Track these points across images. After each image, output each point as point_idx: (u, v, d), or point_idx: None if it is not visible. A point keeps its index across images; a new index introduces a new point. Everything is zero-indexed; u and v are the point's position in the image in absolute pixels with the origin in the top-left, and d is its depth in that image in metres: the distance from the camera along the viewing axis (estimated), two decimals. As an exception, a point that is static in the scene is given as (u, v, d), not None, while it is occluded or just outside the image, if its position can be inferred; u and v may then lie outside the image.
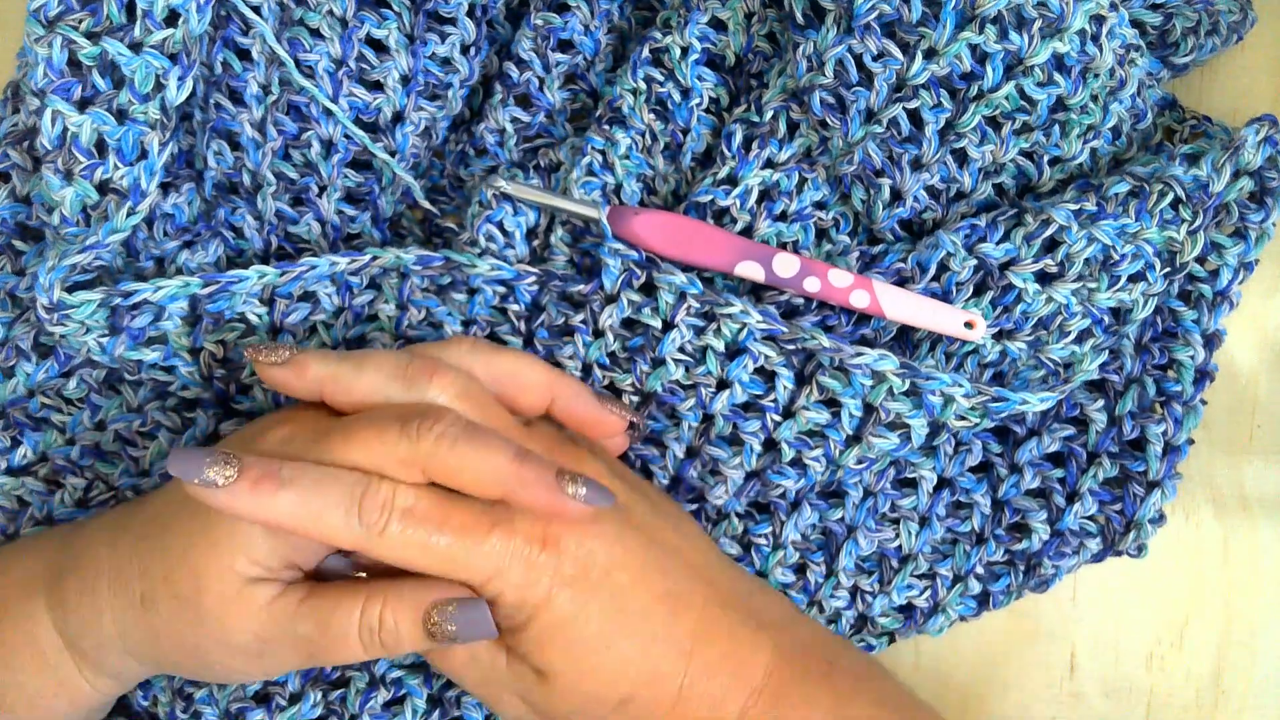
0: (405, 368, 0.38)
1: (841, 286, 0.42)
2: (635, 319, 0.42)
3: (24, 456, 0.45)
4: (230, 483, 0.35)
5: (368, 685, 0.44)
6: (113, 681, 0.41)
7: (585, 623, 0.37)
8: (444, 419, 0.36)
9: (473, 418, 0.37)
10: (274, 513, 0.35)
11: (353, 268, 0.42)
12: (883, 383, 0.41)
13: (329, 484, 0.35)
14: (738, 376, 0.42)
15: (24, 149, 0.43)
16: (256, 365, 0.38)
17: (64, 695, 0.40)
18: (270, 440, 0.38)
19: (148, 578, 0.38)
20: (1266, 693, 0.46)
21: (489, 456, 0.36)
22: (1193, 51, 0.44)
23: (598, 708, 0.38)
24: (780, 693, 0.39)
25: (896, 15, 0.40)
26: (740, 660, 0.39)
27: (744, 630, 0.40)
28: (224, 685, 0.44)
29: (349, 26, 0.43)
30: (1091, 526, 0.44)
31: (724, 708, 0.39)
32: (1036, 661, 0.47)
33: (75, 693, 0.40)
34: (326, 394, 0.38)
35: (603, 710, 0.38)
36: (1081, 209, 0.42)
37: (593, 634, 0.38)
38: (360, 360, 0.38)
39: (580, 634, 0.37)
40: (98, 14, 0.38)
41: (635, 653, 0.38)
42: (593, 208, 0.42)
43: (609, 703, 0.38)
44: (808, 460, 0.42)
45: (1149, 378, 0.44)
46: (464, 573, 0.36)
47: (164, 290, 0.39)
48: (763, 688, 0.39)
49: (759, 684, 0.39)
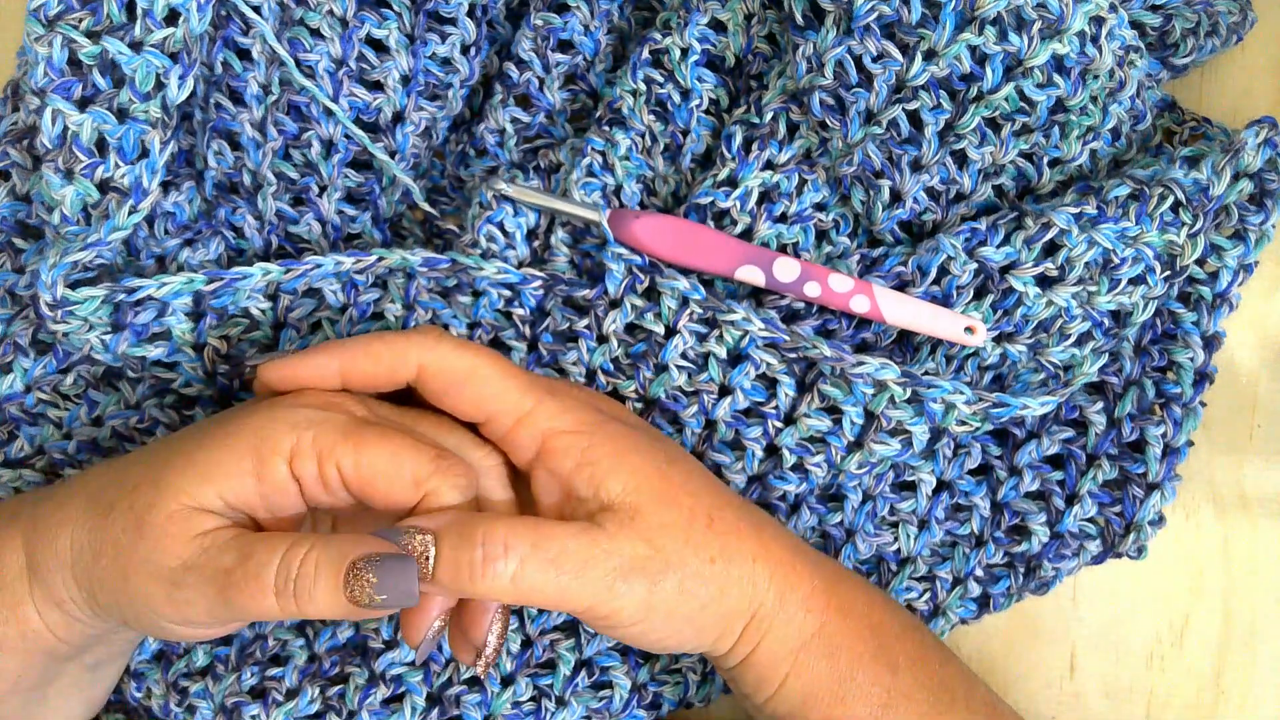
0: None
1: (842, 291, 0.42)
2: (638, 324, 0.42)
3: (20, 449, 0.45)
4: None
5: (367, 682, 0.44)
6: (57, 614, 0.39)
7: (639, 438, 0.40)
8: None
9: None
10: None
11: (358, 268, 0.42)
12: (884, 391, 0.41)
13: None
14: (739, 383, 0.42)
15: (24, 147, 0.43)
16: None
17: (14, 622, 0.39)
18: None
19: (121, 486, 0.37)
20: (1266, 693, 0.47)
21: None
22: (1192, 53, 0.44)
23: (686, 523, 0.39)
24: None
25: (896, 16, 0.40)
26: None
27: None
28: (219, 679, 0.44)
29: (349, 26, 0.43)
30: (1091, 528, 0.44)
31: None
32: (1036, 661, 0.47)
33: (24, 622, 0.39)
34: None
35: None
36: (1082, 212, 0.42)
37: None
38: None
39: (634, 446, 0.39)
40: (98, 13, 0.38)
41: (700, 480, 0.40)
42: (594, 211, 0.43)
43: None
44: (809, 466, 0.42)
45: (1148, 380, 0.44)
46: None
47: (168, 286, 0.39)
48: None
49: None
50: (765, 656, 0.39)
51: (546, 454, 0.39)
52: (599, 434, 0.39)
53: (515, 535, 0.36)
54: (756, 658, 0.39)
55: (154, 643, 0.45)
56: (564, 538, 0.37)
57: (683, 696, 0.45)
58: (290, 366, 0.39)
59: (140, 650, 0.45)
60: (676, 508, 0.39)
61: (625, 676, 0.45)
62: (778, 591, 0.39)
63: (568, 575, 0.36)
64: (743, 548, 0.39)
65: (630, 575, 0.37)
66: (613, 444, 0.39)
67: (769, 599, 0.39)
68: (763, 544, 0.40)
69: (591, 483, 0.38)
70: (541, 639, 0.45)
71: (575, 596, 0.36)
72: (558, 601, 0.36)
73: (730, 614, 0.39)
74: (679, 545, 0.38)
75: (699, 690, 0.46)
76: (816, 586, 0.40)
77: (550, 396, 0.40)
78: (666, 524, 0.38)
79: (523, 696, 0.44)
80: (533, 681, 0.45)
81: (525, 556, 0.36)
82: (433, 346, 0.39)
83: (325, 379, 0.39)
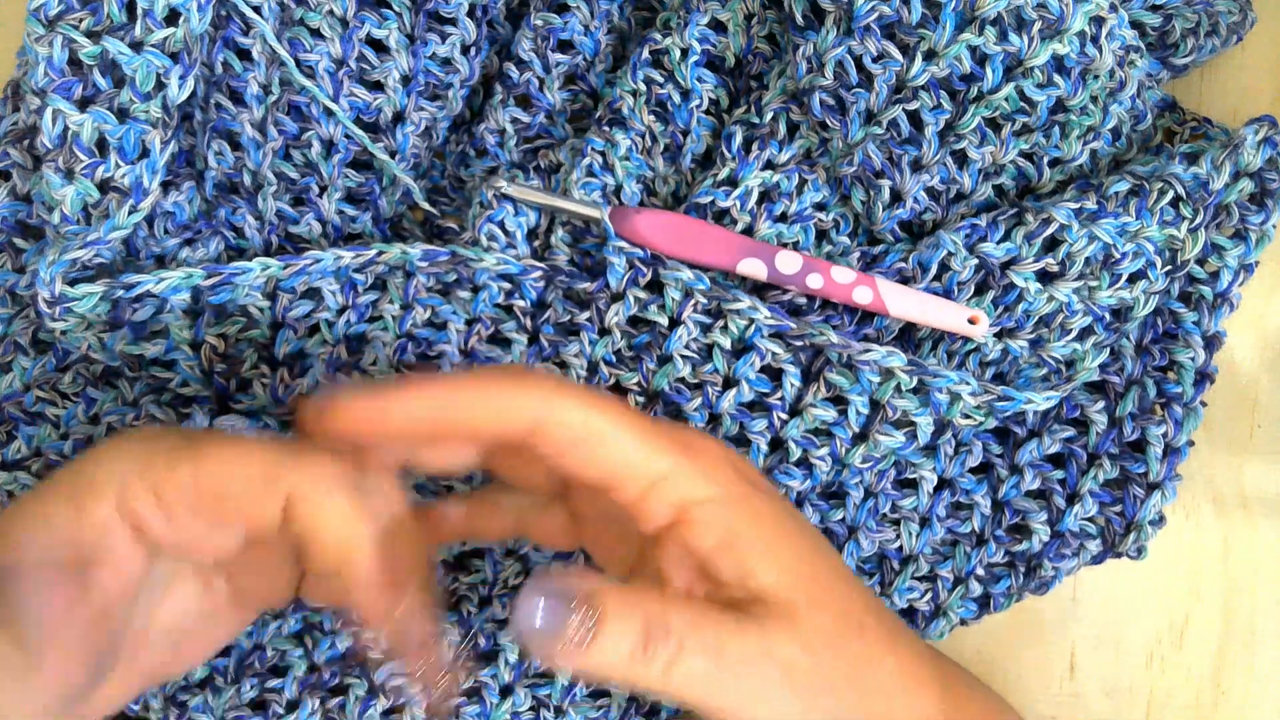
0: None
1: (844, 283, 0.42)
2: (641, 316, 0.42)
3: (18, 451, 0.44)
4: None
5: (366, 693, 0.44)
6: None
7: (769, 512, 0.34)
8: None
9: None
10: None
11: (357, 262, 0.41)
12: (890, 379, 0.41)
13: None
14: (744, 374, 0.42)
15: (24, 147, 0.43)
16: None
17: None
18: None
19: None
20: (1266, 693, 0.46)
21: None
22: (1192, 52, 0.44)
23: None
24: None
25: (896, 17, 0.40)
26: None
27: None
28: (219, 692, 0.44)
29: (349, 26, 0.43)
30: (1091, 528, 0.44)
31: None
32: (1036, 661, 0.47)
33: None
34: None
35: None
36: (1082, 208, 0.42)
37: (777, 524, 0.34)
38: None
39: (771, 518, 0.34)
40: (98, 13, 0.38)
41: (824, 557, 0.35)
42: (594, 208, 0.43)
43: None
44: (814, 460, 0.42)
45: (1149, 379, 0.44)
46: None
47: (166, 282, 0.39)
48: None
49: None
50: None
51: (682, 525, 0.33)
52: (745, 507, 0.34)
53: (678, 617, 0.31)
54: None
55: None
56: (724, 628, 0.32)
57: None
58: (371, 408, 0.32)
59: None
60: (830, 612, 0.34)
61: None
62: (906, 704, 0.35)
63: (724, 672, 0.31)
64: (883, 654, 0.35)
65: (788, 688, 0.32)
66: (762, 522, 0.34)
67: (898, 710, 0.35)
68: (896, 649, 0.35)
69: (737, 567, 0.33)
70: (540, 649, 0.45)
71: (725, 696, 0.32)
72: (702, 697, 0.32)
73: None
74: (836, 658, 0.33)
75: (697, 697, 0.45)
76: (937, 696, 0.36)
77: (687, 457, 0.34)
78: (825, 631, 0.33)
79: (521, 707, 0.44)
80: (531, 692, 0.44)
81: (686, 641, 0.31)
82: (556, 400, 0.33)
83: (415, 429, 0.33)
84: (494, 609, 0.45)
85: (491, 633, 0.45)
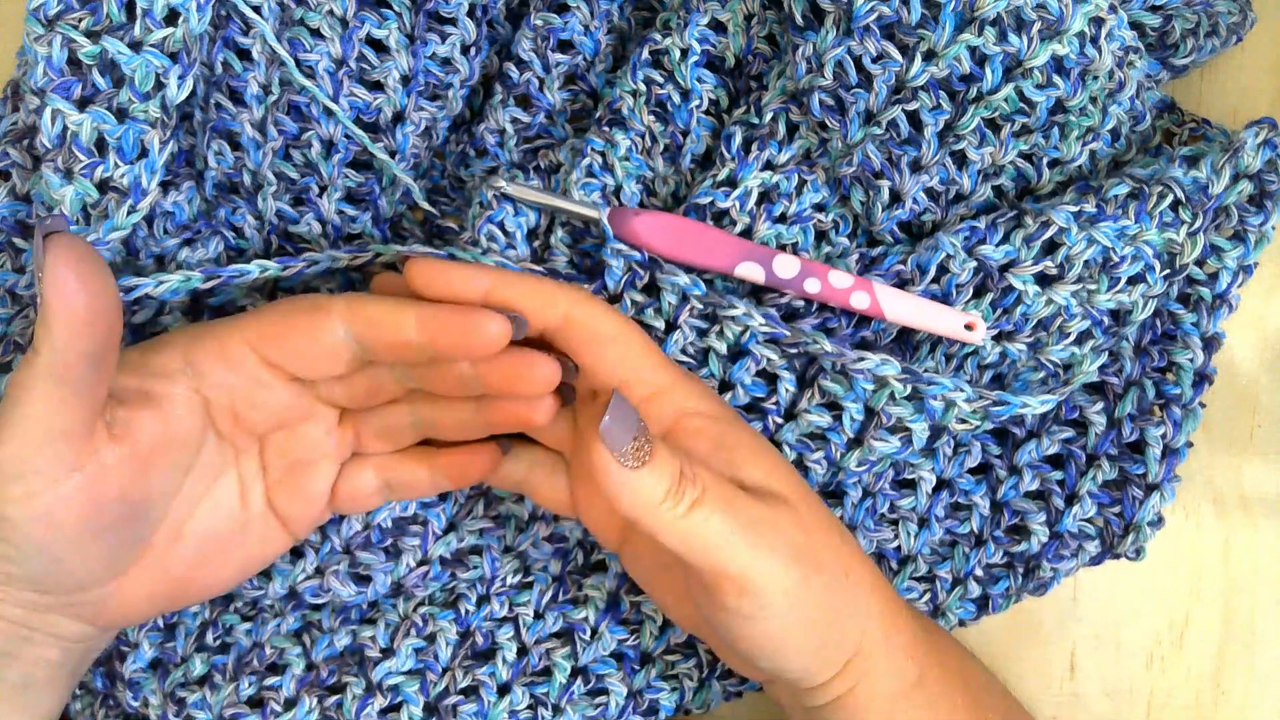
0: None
1: (842, 288, 0.42)
2: (638, 320, 0.42)
3: None
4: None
5: (364, 691, 0.44)
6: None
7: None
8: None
9: None
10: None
11: (355, 263, 0.42)
12: (884, 387, 0.41)
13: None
14: (740, 379, 0.42)
15: (24, 147, 0.43)
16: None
17: None
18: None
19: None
20: (1266, 693, 0.46)
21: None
22: (1192, 53, 0.44)
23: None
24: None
25: (896, 17, 0.40)
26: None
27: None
28: (217, 689, 0.44)
29: (349, 26, 0.43)
30: (1090, 529, 0.44)
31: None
32: (1036, 661, 0.47)
33: None
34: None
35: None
36: (1081, 211, 0.42)
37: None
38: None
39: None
40: (98, 13, 0.38)
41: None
42: (593, 209, 0.43)
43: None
44: (809, 463, 0.42)
45: (1148, 380, 0.44)
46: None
47: (165, 284, 0.39)
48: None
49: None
50: (861, 700, 0.37)
51: (680, 432, 0.38)
52: (735, 424, 0.38)
53: (705, 472, 0.35)
54: (851, 700, 0.37)
55: (149, 651, 0.45)
56: (739, 494, 0.35)
57: (679, 702, 0.45)
58: (441, 269, 0.38)
59: (135, 659, 0.45)
60: (815, 507, 0.37)
61: (621, 683, 0.45)
62: (884, 632, 0.38)
63: (740, 531, 0.34)
64: (860, 573, 0.38)
65: (791, 556, 0.35)
66: (749, 435, 0.38)
67: (876, 637, 0.37)
68: (871, 576, 0.38)
69: (730, 466, 0.37)
70: (537, 647, 0.45)
71: (740, 554, 0.34)
72: (721, 552, 0.34)
73: (842, 642, 0.37)
74: (827, 546, 0.36)
75: (696, 696, 0.45)
76: (918, 634, 0.39)
77: (688, 380, 0.39)
78: (817, 521, 0.37)
79: (519, 705, 0.44)
80: (529, 690, 0.44)
81: (710, 495, 0.34)
82: (584, 301, 0.38)
83: (471, 294, 0.38)
84: (492, 607, 0.45)
85: (489, 631, 0.45)
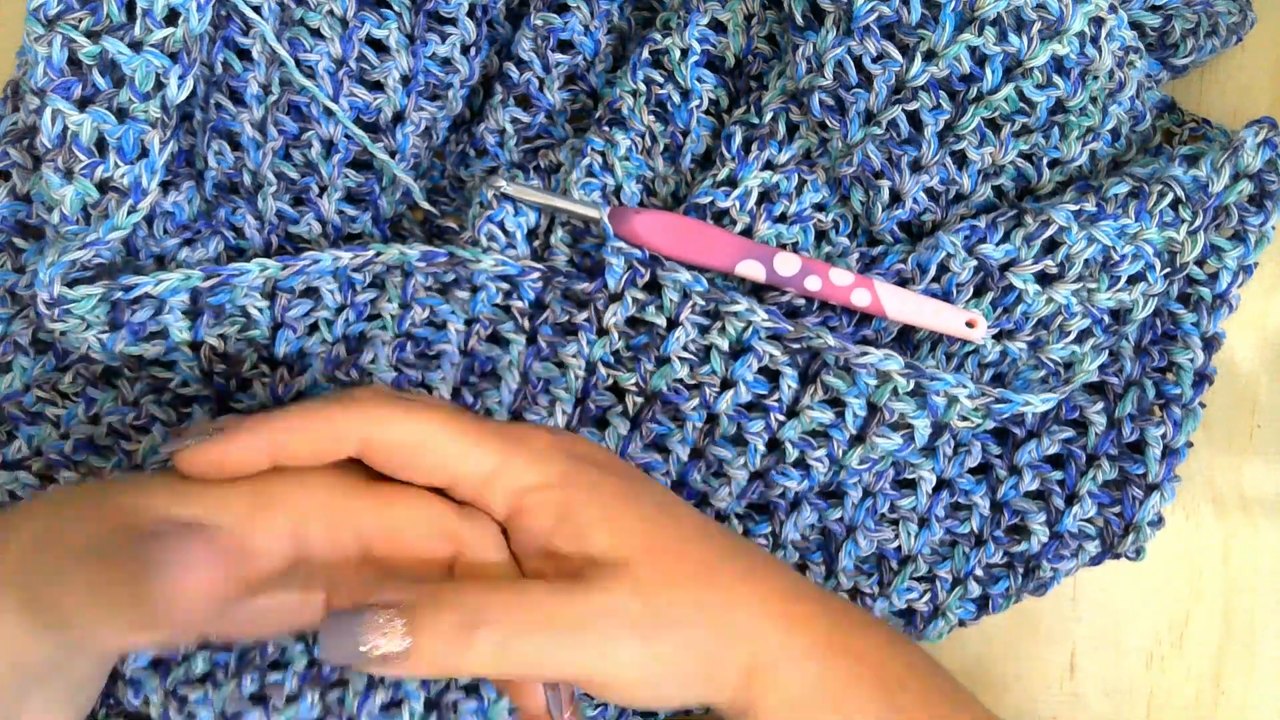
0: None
1: (843, 285, 0.42)
2: (639, 317, 0.42)
3: (18, 450, 0.45)
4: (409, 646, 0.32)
5: (365, 687, 0.44)
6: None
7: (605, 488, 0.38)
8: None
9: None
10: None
11: (356, 263, 0.41)
12: (887, 383, 0.41)
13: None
14: (742, 375, 0.42)
15: (24, 147, 0.43)
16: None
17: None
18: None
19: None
20: (1266, 693, 0.46)
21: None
22: (1192, 53, 0.44)
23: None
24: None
25: (896, 17, 0.40)
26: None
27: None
28: (219, 686, 0.44)
29: (349, 26, 0.43)
30: (1090, 529, 0.44)
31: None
32: (1036, 661, 0.47)
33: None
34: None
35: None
36: (1081, 210, 0.42)
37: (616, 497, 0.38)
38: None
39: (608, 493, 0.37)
40: (98, 13, 0.38)
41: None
42: (593, 208, 0.43)
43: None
44: (811, 461, 0.42)
45: (1148, 380, 0.44)
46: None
47: (165, 283, 0.39)
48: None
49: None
50: (770, 707, 0.37)
51: (520, 513, 0.37)
52: (576, 485, 0.37)
53: (496, 601, 0.34)
54: (762, 710, 0.37)
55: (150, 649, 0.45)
56: (551, 600, 0.34)
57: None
58: (211, 453, 0.35)
59: (136, 657, 0.45)
60: (667, 557, 0.37)
61: None
62: (779, 640, 0.37)
63: (559, 642, 0.34)
64: (739, 595, 0.37)
65: (626, 635, 0.35)
66: (592, 494, 0.37)
67: (770, 647, 0.37)
68: (760, 590, 0.38)
69: (575, 539, 0.36)
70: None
71: (570, 663, 0.34)
72: (553, 670, 0.34)
73: (732, 666, 0.37)
74: (673, 599, 0.36)
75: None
76: (819, 633, 0.38)
77: (516, 449, 0.37)
78: (658, 577, 0.36)
79: None
80: None
81: (510, 624, 0.33)
82: (375, 418, 0.36)
83: (253, 464, 0.36)
84: None
85: None
